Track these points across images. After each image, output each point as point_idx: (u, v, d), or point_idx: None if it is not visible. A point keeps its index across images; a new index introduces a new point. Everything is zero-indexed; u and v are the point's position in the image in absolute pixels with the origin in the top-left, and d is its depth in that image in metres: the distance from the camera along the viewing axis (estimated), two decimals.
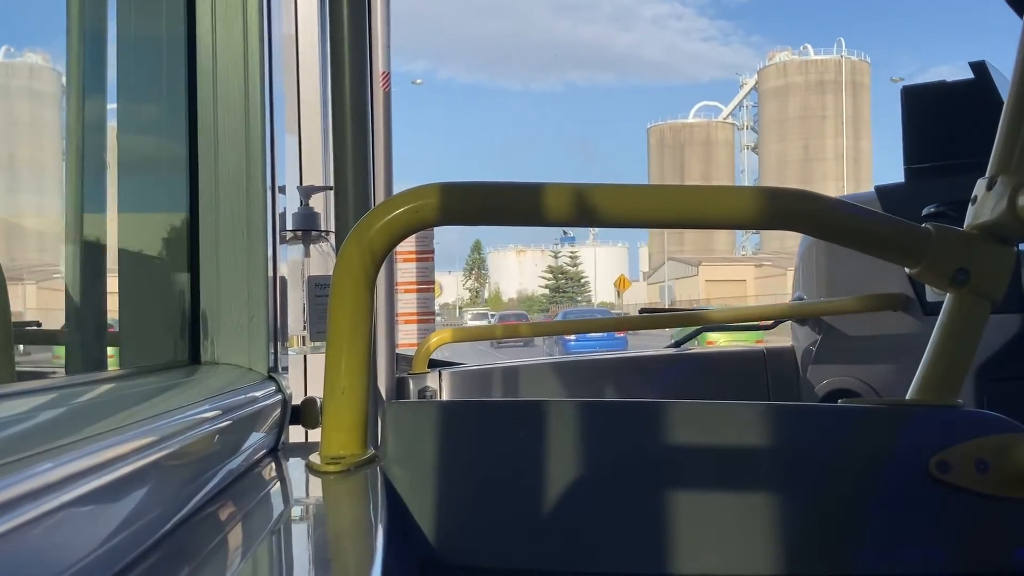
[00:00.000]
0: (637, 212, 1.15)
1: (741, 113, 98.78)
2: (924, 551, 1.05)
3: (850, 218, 1.17)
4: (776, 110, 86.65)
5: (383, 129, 2.74)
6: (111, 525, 0.60)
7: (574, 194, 1.12)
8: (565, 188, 1.12)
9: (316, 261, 2.67)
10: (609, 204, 1.13)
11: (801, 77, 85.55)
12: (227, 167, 1.22)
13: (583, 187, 1.13)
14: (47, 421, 0.72)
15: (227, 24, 1.22)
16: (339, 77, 2.28)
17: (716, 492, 1.08)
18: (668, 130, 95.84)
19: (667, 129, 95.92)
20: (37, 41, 1.52)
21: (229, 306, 1.21)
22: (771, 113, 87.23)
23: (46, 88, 1.56)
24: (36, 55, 1.56)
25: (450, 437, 1.14)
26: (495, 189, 1.13)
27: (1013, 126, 1.19)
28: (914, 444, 1.06)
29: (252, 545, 0.78)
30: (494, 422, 1.16)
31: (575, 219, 1.12)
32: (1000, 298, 1.14)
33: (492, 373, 3.17)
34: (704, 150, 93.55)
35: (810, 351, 3.08)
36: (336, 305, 1.06)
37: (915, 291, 2.65)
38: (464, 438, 1.15)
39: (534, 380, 3.15)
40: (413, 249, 3.41)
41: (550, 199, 1.11)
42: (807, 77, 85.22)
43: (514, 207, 1.15)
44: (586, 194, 1.12)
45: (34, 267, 1.54)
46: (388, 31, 2.78)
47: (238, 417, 0.98)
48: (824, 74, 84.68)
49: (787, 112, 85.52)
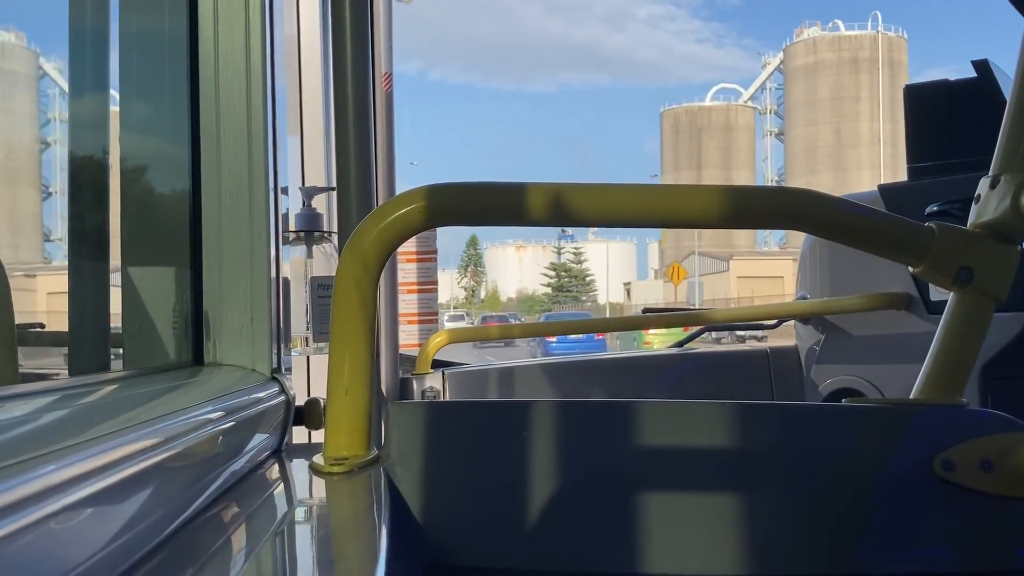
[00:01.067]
0: (639, 212, 1.15)
1: (763, 96, 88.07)
2: (929, 550, 1.05)
3: (854, 217, 1.16)
4: (804, 91, 76.69)
5: (385, 130, 2.73)
6: (115, 526, 0.60)
7: (579, 194, 1.12)
8: (570, 188, 1.12)
9: (319, 262, 2.67)
10: (611, 203, 1.13)
11: (833, 54, 75.61)
12: (229, 168, 1.22)
13: (587, 187, 1.13)
14: (51, 423, 0.72)
15: (229, 25, 1.22)
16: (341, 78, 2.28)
17: (721, 492, 1.08)
18: (684, 114, 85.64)
19: (682, 113, 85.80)
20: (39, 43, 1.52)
21: (232, 307, 1.21)
22: (798, 94, 77.33)
23: (20, 69, 1.55)
24: (9, 33, 1.54)
25: (453, 438, 1.14)
26: (499, 189, 1.13)
27: (1016, 124, 1.19)
28: (918, 443, 1.06)
29: (256, 546, 0.78)
30: (497, 423, 1.16)
31: (580, 219, 1.12)
32: (1004, 297, 1.14)
33: (495, 374, 3.17)
34: (723, 136, 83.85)
35: (813, 351, 3.08)
36: (339, 306, 1.06)
37: (919, 290, 2.64)
38: (467, 439, 1.15)
39: (538, 381, 3.15)
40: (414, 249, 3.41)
41: (554, 199, 1.11)
42: (839, 54, 75.29)
43: (518, 207, 1.15)
44: (590, 194, 1.12)
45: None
46: (390, 32, 2.78)
47: (241, 418, 0.98)
48: (858, 51, 74.69)
49: (816, 93, 75.74)
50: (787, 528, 1.06)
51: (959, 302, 1.15)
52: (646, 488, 1.10)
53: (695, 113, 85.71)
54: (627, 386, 3.18)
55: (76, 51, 1.31)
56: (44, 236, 6.07)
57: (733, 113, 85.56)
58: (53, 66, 3.04)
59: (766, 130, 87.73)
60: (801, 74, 77.33)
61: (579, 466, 1.10)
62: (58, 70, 3.48)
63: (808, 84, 76.76)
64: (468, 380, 3.00)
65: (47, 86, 7.15)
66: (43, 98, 6.94)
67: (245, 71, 1.22)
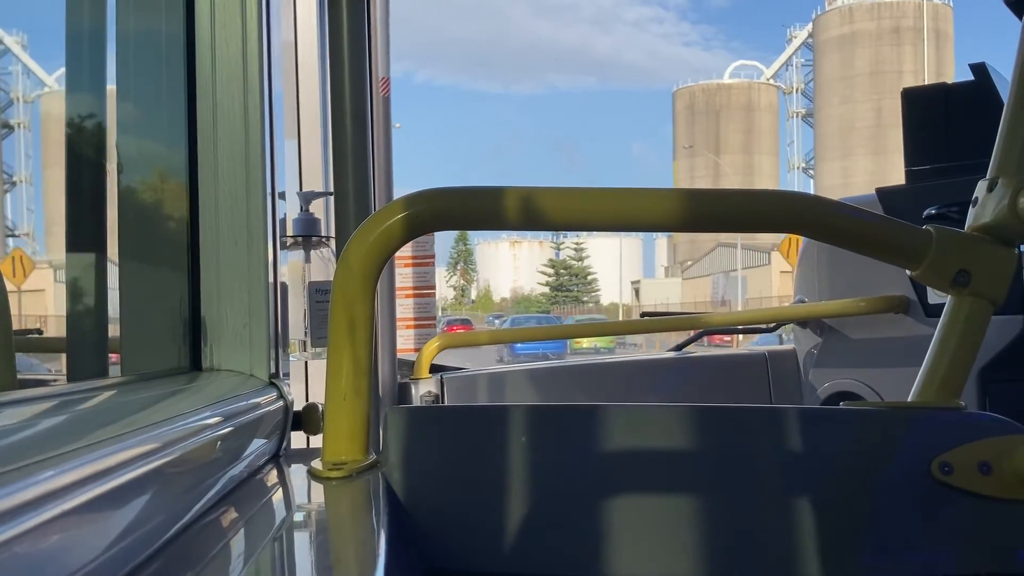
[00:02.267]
0: (635, 215, 1.15)
1: (787, 74, 78.58)
2: (927, 553, 1.05)
3: (851, 220, 1.17)
4: (838, 65, 66.68)
5: (383, 134, 2.74)
6: (113, 532, 0.60)
7: (575, 198, 1.12)
8: (567, 192, 1.12)
9: (316, 267, 2.67)
10: (607, 207, 1.13)
11: (871, 23, 65.93)
12: (227, 173, 1.22)
13: (585, 191, 1.13)
14: (49, 429, 0.72)
15: (226, 29, 1.22)
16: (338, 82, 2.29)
17: (719, 495, 1.08)
18: (700, 93, 76.63)
19: (698, 92, 76.79)
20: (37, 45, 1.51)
21: (230, 312, 1.21)
22: (831, 69, 67.42)
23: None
24: None
25: (452, 442, 1.14)
26: (495, 193, 1.13)
27: (1013, 128, 1.19)
28: (916, 446, 1.06)
29: (254, 552, 0.78)
30: (496, 427, 1.16)
31: (578, 223, 1.13)
32: (1002, 300, 1.14)
33: (493, 378, 3.17)
34: (744, 117, 75.16)
35: (812, 354, 3.08)
36: (337, 311, 1.06)
37: (917, 293, 2.65)
38: (466, 443, 1.15)
39: (535, 384, 3.15)
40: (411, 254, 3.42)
41: (550, 202, 1.11)
42: (879, 23, 65.78)
43: (514, 211, 1.15)
44: (585, 197, 1.13)
45: None
46: (387, 36, 2.79)
47: (239, 424, 0.98)
48: (901, 20, 65.32)
49: (853, 67, 66.03)
50: (784, 531, 1.06)
51: (957, 305, 1.15)
52: (644, 492, 1.09)
53: (712, 92, 76.51)
54: (625, 390, 3.19)
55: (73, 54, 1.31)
56: (6, 231, 5.09)
57: (755, 92, 76.61)
58: (15, 40, 2.86)
59: (791, 111, 78.81)
60: (835, 46, 67.42)
61: (577, 470, 1.10)
62: (21, 44, 3.23)
63: (843, 57, 66.82)
64: (466, 384, 3.01)
65: (7, 63, 6.66)
66: (4, 75, 6.44)
67: (242, 75, 1.22)
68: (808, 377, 3.06)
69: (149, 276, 1.28)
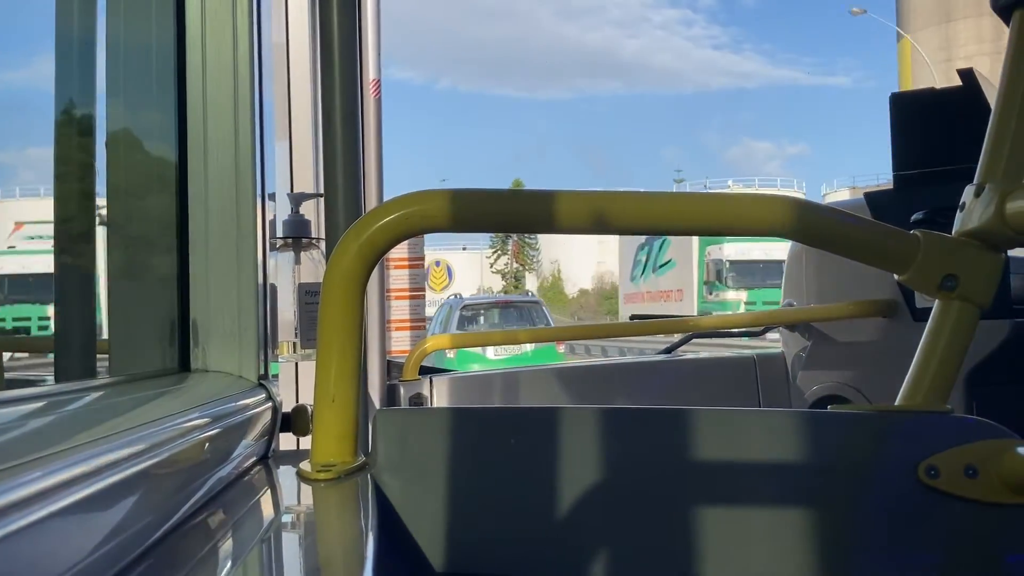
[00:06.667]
0: (622, 219, 1.16)
1: None
2: (914, 556, 1.05)
3: (839, 225, 1.17)
4: None
5: (374, 136, 2.74)
6: (101, 533, 0.59)
7: (565, 200, 1.12)
8: (555, 195, 1.12)
9: (306, 268, 2.67)
10: (594, 210, 1.13)
11: None
12: (217, 173, 1.22)
13: (573, 194, 1.13)
14: (36, 429, 0.72)
15: (216, 30, 1.21)
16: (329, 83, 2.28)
17: (706, 498, 1.08)
18: None
19: None
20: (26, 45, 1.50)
21: (219, 313, 1.21)
22: None
23: None
24: None
25: (441, 444, 1.14)
26: (487, 196, 1.13)
27: (1000, 133, 1.20)
28: (904, 450, 1.07)
29: (242, 553, 0.78)
30: (485, 429, 1.16)
31: (568, 226, 1.13)
32: (988, 304, 1.15)
33: (483, 380, 3.17)
34: None
35: (800, 357, 3.09)
36: (326, 312, 1.06)
37: (904, 297, 2.66)
38: (455, 445, 1.15)
39: (525, 387, 3.16)
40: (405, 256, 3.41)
41: (542, 205, 1.12)
42: None
43: (506, 214, 1.15)
44: (571, 200, 1.13)
45: None
46: (379, 39, 2.79)
47: (228, 425, 0.97)
48: None
49: None
50: (771, 535, 1.07)
51: (944, 309, 1.15)
52: (632, 495, 1.10)
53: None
54: (614, 392, 3.19)
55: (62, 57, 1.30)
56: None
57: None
58: None
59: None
60: None
61: (565, 473, 1.10)
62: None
63: None
64: (455, 386, 3.01)
65: None
66: None
67: (232, 76, 1.22)
68: (796, 380, 3.07)
69: (138, 276, 1.28)
